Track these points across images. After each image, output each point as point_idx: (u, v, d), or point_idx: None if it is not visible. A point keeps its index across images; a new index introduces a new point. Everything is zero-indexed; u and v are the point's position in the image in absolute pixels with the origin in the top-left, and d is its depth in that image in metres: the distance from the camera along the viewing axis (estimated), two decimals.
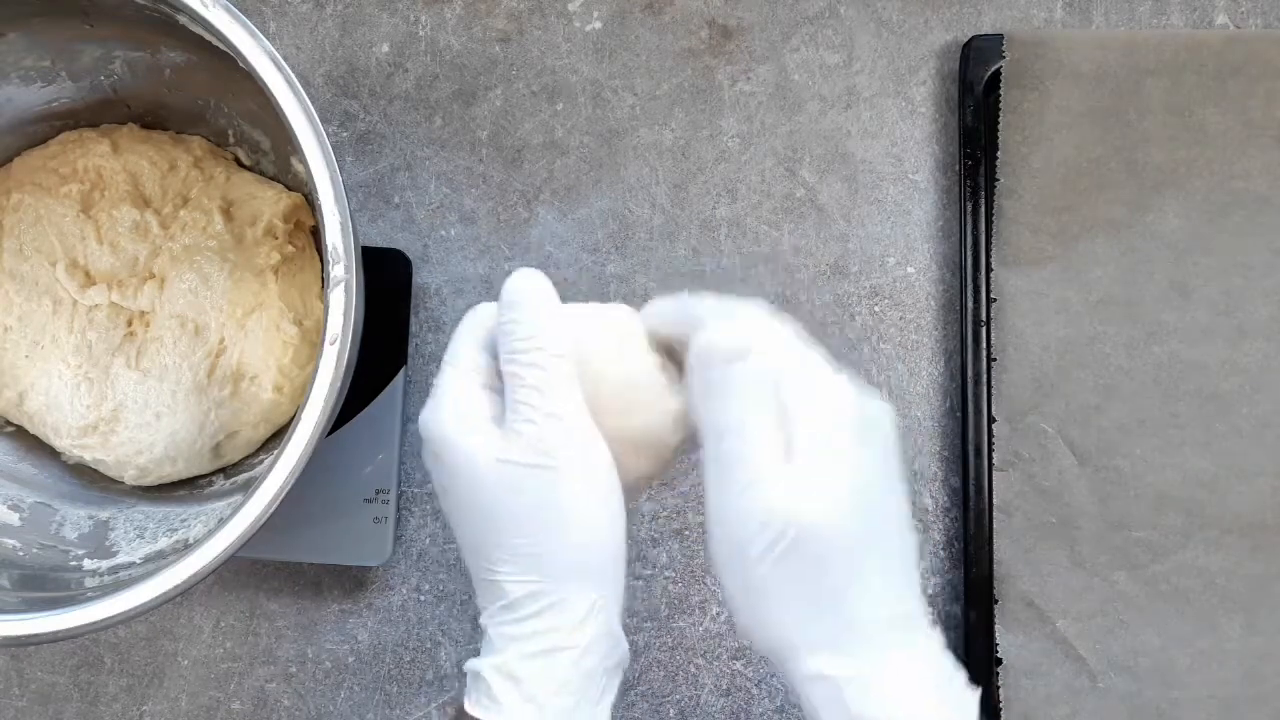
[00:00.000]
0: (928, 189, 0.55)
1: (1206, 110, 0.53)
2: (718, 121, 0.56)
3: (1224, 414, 0.52)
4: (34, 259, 0.50)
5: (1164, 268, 0.53)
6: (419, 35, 0.56)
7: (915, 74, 0.56)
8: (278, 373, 0.49)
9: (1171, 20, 0.55)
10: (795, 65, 0.56)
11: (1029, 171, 0.53)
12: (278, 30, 0.56)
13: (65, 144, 0.51)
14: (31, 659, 0.54)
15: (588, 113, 0.56)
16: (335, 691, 0.54)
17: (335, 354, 0.39)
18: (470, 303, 0.55)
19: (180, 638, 0.54)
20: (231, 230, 0.50)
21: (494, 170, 0.56)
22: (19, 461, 0.51)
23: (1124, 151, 0.53)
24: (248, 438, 0.50)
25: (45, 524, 0.49)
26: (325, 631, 0.54)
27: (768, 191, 0.55)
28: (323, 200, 0.40)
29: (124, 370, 0.49)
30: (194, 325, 0.49)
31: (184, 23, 0.43)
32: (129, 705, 0.54)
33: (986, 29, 0.55)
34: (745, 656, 0.53)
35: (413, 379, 0.55)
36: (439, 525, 0.54)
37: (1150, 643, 0.51)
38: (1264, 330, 0.52)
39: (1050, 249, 0.53)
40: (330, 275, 0.40)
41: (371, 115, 0.56)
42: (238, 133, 0.52)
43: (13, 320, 0.50)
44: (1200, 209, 0.53)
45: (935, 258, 0.55)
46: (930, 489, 0.54)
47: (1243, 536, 0.51)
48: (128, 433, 0.49)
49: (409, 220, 0.56)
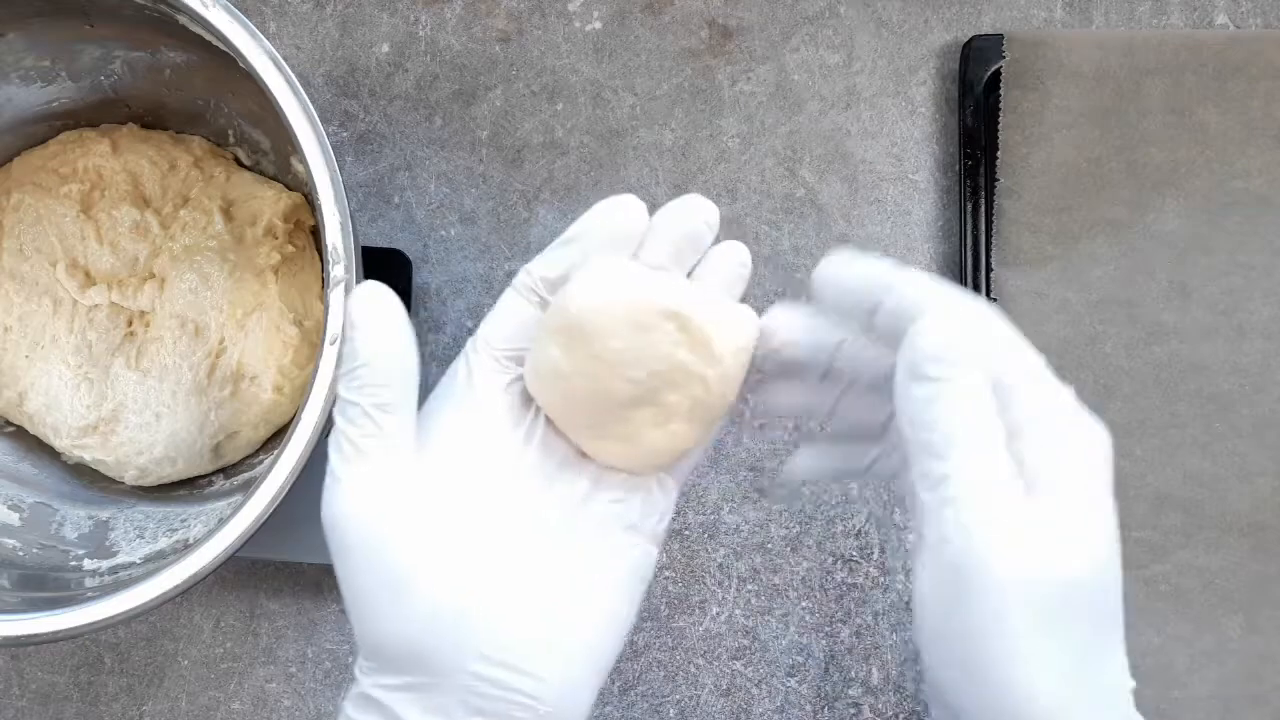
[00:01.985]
0: (928, 189, 0.55)
1: (1206, 110, 0.53)
2: (718, 121, 0.56)
3: (1224, 414, 0.52)
4: (34, 259, 0.50)
5: (1164, 268, 0.53)
6: (419, 35, 0.56)
7: (915, 74, 0.56)
8: (278, 373, 0.49)
9: (1171, 20, 0.55)
10: (795, 65, 0.56)
11: (1029, 171, 0.53)
12: (278, 30, 0.56)
13: (65, 144, 0.51)
14: (31, 659, 0.54)
15: (588, 113, 0.56)
16: (335, 691, 0.54)
17: (335, 354, 0.40)
18: (470, 303, 0.55)
19: (180, 638, 0.54)
20: (231, 230, 0.50)
21: (494, 170, 0.56)
22: (19, 461, 0.51)
23: (1124, 151, 0.53)
24: (248, 438, 0.50)
25: (45, 524, 0.49)
26: (325, 631, 0.54)
27: (768, 191, 0.55)
28: (323, 200, 0.40)
29: (124, 370, 0.49)
30: (194, 325, 0.49)
31: (184, 23, 0.43)
32: (129, 705, 0.54)
33: (986, 29, 0.55)
34: (745, 656, 0.53)
35: None
36: None
37: (1150, 643, 0.51)
38: (1264, 330, 0.52)
39: (1050, 249, 0.53)
40: (330, 275, 0.40)
41: (371, 115, 0.56)
42: (238, 133, 0.52)
43: (13, 320, 0.50)
44: (1200, 209, 0.53)
45: (935, 258, 0.55)
46: None
47: (1243, 536, 0.51)
48: (128, 433, 0.49)
49: (409, 220, 0.56)
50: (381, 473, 0.31)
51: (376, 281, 0.32)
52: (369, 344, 0.31)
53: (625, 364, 0.31)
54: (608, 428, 0.32)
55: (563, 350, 0.31)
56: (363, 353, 0.31)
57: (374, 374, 0.31)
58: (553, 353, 0.31)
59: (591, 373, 0.31)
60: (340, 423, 0.32)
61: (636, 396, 0.32)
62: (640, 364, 0.31)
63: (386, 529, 0.31)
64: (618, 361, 0.31)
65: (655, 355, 0.31)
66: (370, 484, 0.31)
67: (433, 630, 0.31)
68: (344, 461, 0.31)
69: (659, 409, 0.32)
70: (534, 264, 0.35)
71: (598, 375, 0.31)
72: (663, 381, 0.31)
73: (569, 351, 0.31)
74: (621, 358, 0.31)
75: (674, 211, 0.34)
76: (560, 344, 0.31)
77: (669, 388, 0.32)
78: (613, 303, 0.31)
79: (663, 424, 0.32)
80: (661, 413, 0.32)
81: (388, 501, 0.31)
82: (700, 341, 0.31)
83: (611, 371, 0.31)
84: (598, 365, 0.31)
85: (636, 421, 0.32)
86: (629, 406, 0.32)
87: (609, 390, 0.31)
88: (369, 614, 0.31)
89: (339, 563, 0.32)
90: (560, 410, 0.33)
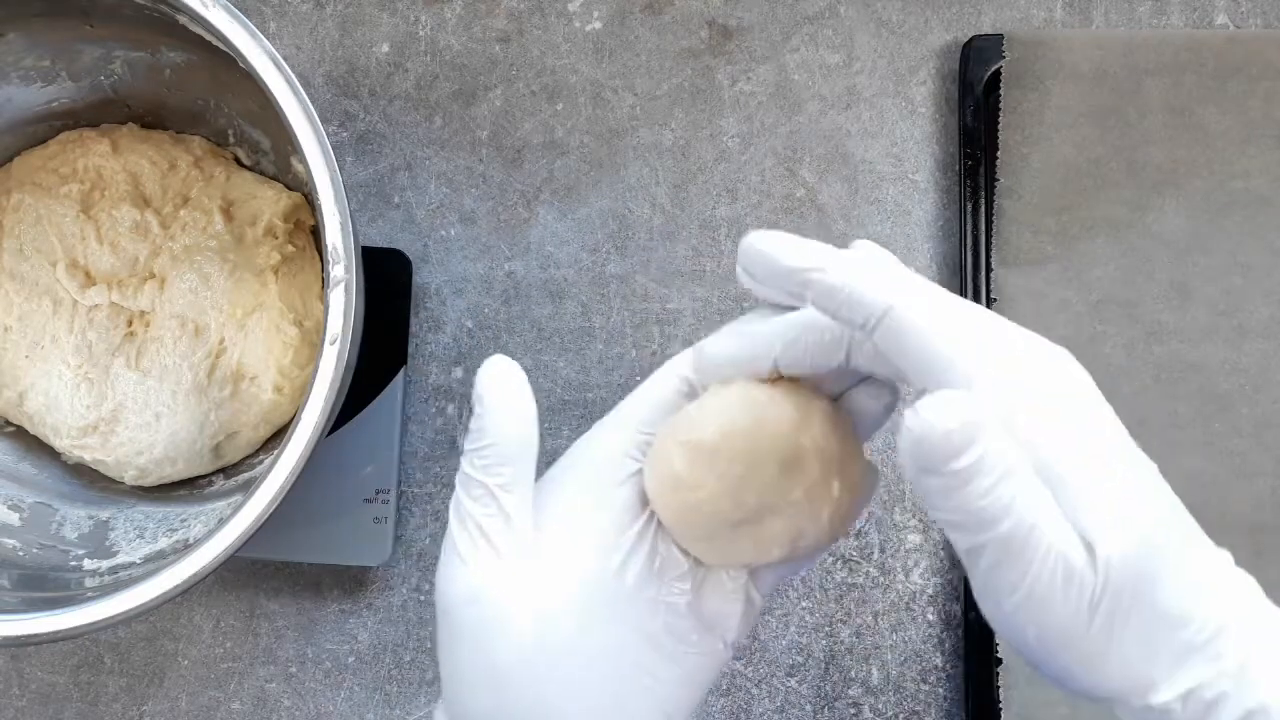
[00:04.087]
0: (928, 189, 0.55)
1: (1206, 110, 0.53)
2: (718, 121, 0.56)
3: (1224, 414, 0.52)
4: (34, 259, 0.50)
5: (1164, 268, 0.53)
6: (419, 35, 0.56)
7: (915, 74, 0.56)
8: (278, 373, 0.49)
9: (1171, 20, 0.55)
10: (795, 65, 0.56)
11: (1029, 171, 0.53)
12: (278, 30, 0.56)
13: (65, 144, 0.51)
14: (31, 659, 0.54)
15: (588, 113, 0.56)
16: (335, 691, 0.54)
17: (335, 354, 0.39)
18: (470, 303, 0.55)
19: (180, 638, 0.54)
20: (231, 230, 0.50)
21: (494, 170, 0.56)
22: (19, 461, 0.51)
23: (1124, 151, 0.53)
24: (248, 438, 0.50)
25: (45, 524, 0.49)
26: (325, 631, 0.54)
27: (768, 191, 0.55)
28: (323, 200, 0.40)
29: (124, 370, 0.49)
30: (194, 325, 0.49)
31: (184, 23, 0.43)
32: (129, 705, 0.54)
33: (986, 29, 0.55)
34: (745, 656, 0.53)
35: (413, 379, 0.55)
36: (439, 525, 0.54)
37: None
38: (1264, 330, 0.52)
39: (1050, 249, 0.53)
40: (330, 275, 0.40)
41: (371, 115, 0.56)
42: (238, 133, 0.52)
43: (13, 320, 0.50)
44: (1200, 209, 0.53)
45: (935, 258, 0.55)
46: None
47: (1243, 536, 0.51)
48: (128, 433, 0.49)
49: (409, 220, 0.56)
50: (502, 558, 0.32)
51: (505, 357, 0.33)
52: (498, 425, 0.32)
53: (743, 490, 0.32)
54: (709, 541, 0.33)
55: (686, 464, 0.32)
56: (491, 432, 0.32)
57: (500, 454, 0.32)
58: (676, 464, 0.32)
59: (706, 487, 0.32)
60: (465, 499, 0.32)
61: (743, 518, 0.33)
62: (752, 491, 0.32)
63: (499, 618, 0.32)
64: (738, 488, 0.32)
65: (774, 489, 0.32)
66: (493, 570, 0.32)
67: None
68: (469, 542, 0.32)
69: (764, 529, 0.33)
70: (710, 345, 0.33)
71: (712, 492, 0.32)
72: (770, 511, 0.32)
73: (692, 466, 0.32)
74: (742, 484, 0.32)
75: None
76: (684, 457, 0.32)
77: (774, 515, 0.32)
78: (743, 433, 0.32)
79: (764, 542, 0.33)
80: (766, 533, 0.33)
81: (506, 591, 0.32)
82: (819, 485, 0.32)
83: (725, 491, 0.32)
84: (714, 483, 0.32)
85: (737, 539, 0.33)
86: (734, 526, 0.33)
87: (718, 510, 0.32)
88: (465, 695, 0.32)
89: (445, 639, 0.33)
90: (672, 516, 0.33)
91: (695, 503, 0.32)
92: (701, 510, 0.32)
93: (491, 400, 0.32)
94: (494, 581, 0.32)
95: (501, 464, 0.32)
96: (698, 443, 0.32)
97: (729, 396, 0.33)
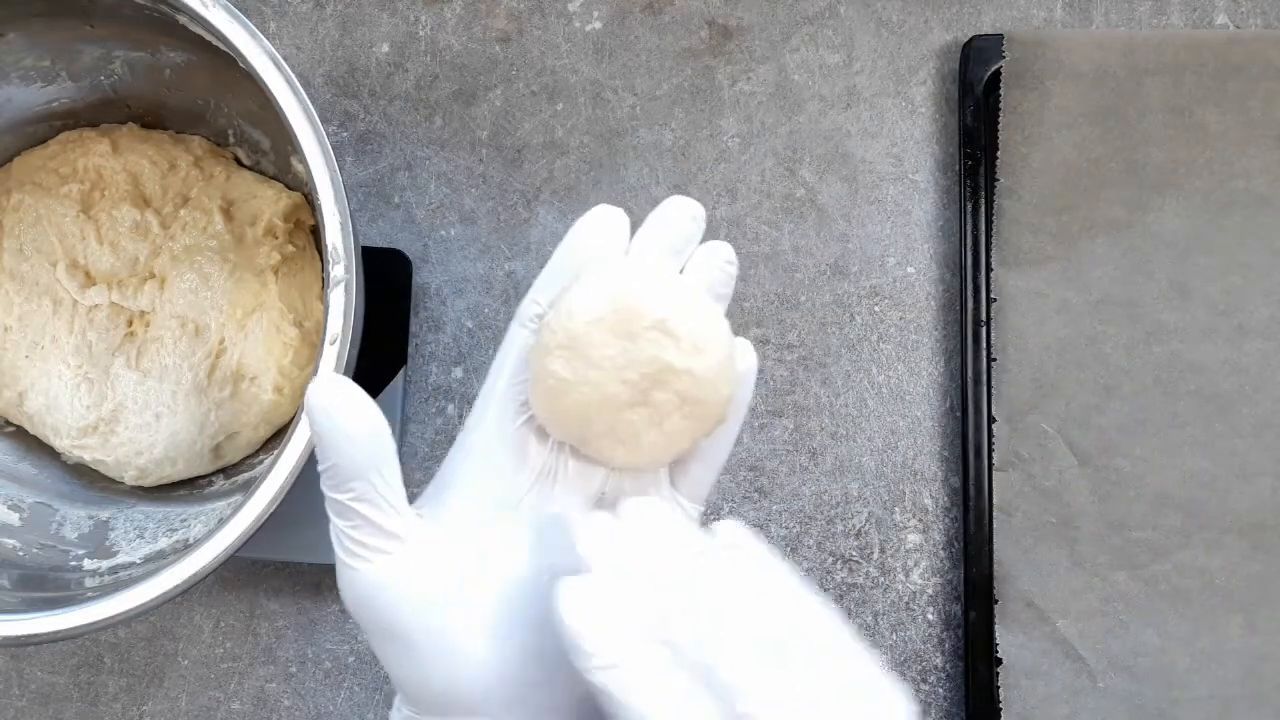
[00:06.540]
0: (928, 189, 0.55)
1: (1206, 110, 0.53)
2: (718, 121, 0.56)
3: (1224, 414, 0.52)
4: (34, 259, 0.50)
5: (1164, 268, 0.53)
6: (419, 35, 0.56)
7: (915, 74, 0.56)
8: (278, 373, 0.49)
9: (1171, 20, 0.55)
10: (795, 65, 0.56)
11: (1029, 171, 0.53)
12: (278, 30, 0.56)
13: (65, 144, 0.51)
14: (31, 659, 0.54)
15: (588, 113, 0.56)
16: (335, 691, 0.54)
17: (335, 354, 0.40)
18: (470, 303, 0.55)
19: (180, 638, 0.54)
20: (231, 230, 0.50)
21: (494, 170, 0.56)
22: (19, 461, 0.51)
23: (1124, 151, 0.53)
24: (248, 438, 0.50)
25: (45, 524, 0.49)
26: (325, 631, 0.54)
27: (768, 191, 0.55)
28: (323, 200, 0.40)
29: (124, 370, 0.49)
30: (194, 325, 0.49)
31: (184, 23, 0.43)
32: (129, 705, 0.54)
33: (986, 29, 0.55)
34: None
35: (412, 379, 0.55)
36: None
37: (1150, 643, 0.51)
38: (1264, 330, 0.52)
39: (1050, 249, 0.53)
40: (330, 275, 0.40)
41: (371, 115, 0.56)
42: (238, 133, 0.52)
43: (13, 320, 0.50)
44: (1200, 209, 0.53)
45: (935, 258, 0.55)
46: (930, 489, 0.54)
47: (1243, 536, 0.51)
48: (128, 433, 0.49)
49: (409, 220, 0.56)
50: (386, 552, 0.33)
51: (330, 377, 0.33)
52: (333, 446, 0.32)
53: (619, 368, 0.34)
54: (612, 432, 0.35)
55: (564, 364, 0.34)
56: (329, 454, 0.33)
57: (342, 472, 0.32)
58: (554, 367, 0.34)
59: (591, 380, 0.34)
60: (331, 516, 0.34)
61: (633, 399, 0.34)
62: (632, 367, 0.34)
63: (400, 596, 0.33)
64: (613, 367, 0.34)
65: (644, 358, 0.34)
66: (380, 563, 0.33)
67: (466, 690, 0.34)
68: (345, 551, 0.34)
69: (654, 409, 0.34)
70: (535, 292, 0.36)
71: (597, 382, 0.34)
72: (653, 382, 0.34)
73: (570, 364, 0.34)
74: (615, 363, 0.34)
75: (662, 211, 0.37)
76: (561, 358, 0.34)
77: (658, 387, 0.34)
78: (603, 316, 0.33)
79: (659, 423, 0.34)
80: (656, 412, 0.34)
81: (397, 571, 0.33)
82: (683, 340, 0.34)
83: (608, 377, 0.34)
84: (596, 373, 0.34)
85: (636, 423, 0.34)
86: (627, 409, 0.34)
87: (608, 395, 0.34)
88: (401, 679, 0.34)
89: (370, 638, 0.35)
90: (566, 422, 0.35)
91: (584, 399, 0.34)
92: (592, 402, 0.34)
93: (319, 426, 0.32)
94: (382, 568, 0.33)
95: (350, 479, 0.32)
96: (568, 340, 0.34)
97: (583, 289, 0.34)
